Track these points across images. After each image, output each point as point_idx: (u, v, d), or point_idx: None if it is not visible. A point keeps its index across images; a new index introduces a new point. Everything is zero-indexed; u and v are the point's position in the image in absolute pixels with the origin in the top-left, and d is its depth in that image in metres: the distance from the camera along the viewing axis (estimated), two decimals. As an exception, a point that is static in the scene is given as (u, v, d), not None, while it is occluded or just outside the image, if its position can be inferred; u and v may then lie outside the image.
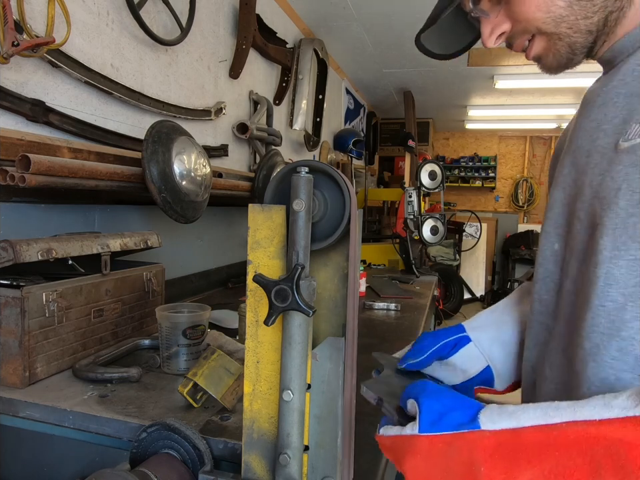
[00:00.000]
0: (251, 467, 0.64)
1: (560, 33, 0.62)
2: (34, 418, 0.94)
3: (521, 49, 0.67)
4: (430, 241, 2.81)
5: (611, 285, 0.54)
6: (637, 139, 0.54)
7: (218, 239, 2.28)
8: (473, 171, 8.29)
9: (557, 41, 0.63)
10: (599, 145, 0.60)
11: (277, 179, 0.62)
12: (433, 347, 0.75)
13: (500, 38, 0.67)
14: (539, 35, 0.64)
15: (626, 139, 0.56)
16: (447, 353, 0.76)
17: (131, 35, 1.63)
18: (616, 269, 0.54)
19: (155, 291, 1.38)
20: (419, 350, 0.75)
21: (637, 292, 0.52)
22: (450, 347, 0.77)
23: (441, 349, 0.76)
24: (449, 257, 6.18)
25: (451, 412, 0.48)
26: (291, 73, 2.97)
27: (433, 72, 4.46)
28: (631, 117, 0.57)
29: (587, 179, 0.61)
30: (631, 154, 0.55)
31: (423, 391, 0.52)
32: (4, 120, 1.20)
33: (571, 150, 0.66)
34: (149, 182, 1.37)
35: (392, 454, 0.52)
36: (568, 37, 0.62)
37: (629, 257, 0.53)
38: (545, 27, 0.62)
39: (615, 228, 0.55)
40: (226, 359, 0.93)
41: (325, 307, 0.65)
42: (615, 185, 0.55)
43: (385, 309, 1.95)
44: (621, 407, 0.41)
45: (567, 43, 0.62)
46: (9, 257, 0.98)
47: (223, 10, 2.25)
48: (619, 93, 0.60)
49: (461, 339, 0.78)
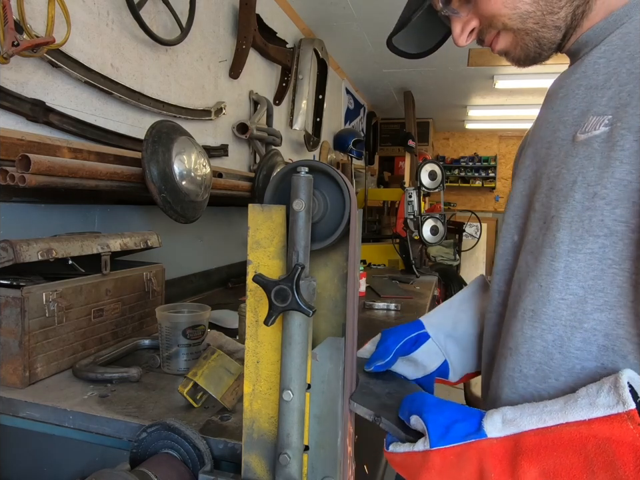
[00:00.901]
0: (251, 467, 0.64)
1: (527, 29, 0.62)
2: (34, 418, 0.94)
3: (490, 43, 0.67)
4: (430, 240, 2.81)
5: (571, 278, 0.55)
6: (593, 131, 0.54)
7: (218, 239, 2.28)
8: (473, 171, 8.29)
9: (525, 36, 0.63)
10: (558, 137, 0.61)
11: (277, 179, 0.62)
12: (396, 346, 0.77)
13: (471, 35, 0.67)
14: (505, 31, 0.64)
15: (583, 131, 0.56)
16: (408, 349, 0.78)
17: (131, 35, 1.63)
18: (574, 263, 0.54)
19: (155, 291, 1.38)
20: (384, 350, 0.76)
21: (595, 285, 0.53)
22: (411, 343, 0.79)
23: (403, 346, 0.78)
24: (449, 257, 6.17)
25: (456, 423, 0.50)
26: (291, 72, 2.97)
27: (433, 72, 4.46)
28: (589, 109, 0.57)
29: (546, 171, 0.61)
30: (586, 146, 0.55)
31: (424, 405, 0.53)
32: (4, 120, 1.20)
33: (534, 141, 0.67)
34: (148, 182, 1.37)
35: (405, 470, 0.53)
36: (535, 31, 0.62)
37: (587, 251, 0.53)
38: (511, 22, 0.62)
39: (571, 221, 0.55)
40: (226, 359, 0.93)
41: (325, 307, 0.65)
42: (571, 177, 0.55)
43: (385, 309, 1.95)
44: (605, 405, 0.44)
45: (534, 37, 0.62)
46: (9, 257, 0.98)
47: (223, 10, 2.25)
48: (580, 85, 0.60)
49: (421, 336, 0.80)
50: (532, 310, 0.59)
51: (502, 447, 0.47)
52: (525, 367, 0.59)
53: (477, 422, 0.49)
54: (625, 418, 0.42)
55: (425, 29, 0.76)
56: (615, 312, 0.52)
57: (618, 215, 0.51)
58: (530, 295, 0.59)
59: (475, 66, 4.18)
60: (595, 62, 0.59)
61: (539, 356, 0.58)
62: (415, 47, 0.80)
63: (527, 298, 0.59)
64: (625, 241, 0.50)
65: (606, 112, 0.54)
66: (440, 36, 0.78)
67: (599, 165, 0.53)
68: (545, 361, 0.57)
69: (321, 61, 3.33)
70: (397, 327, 0.81)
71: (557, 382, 0.56)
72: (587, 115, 0.56)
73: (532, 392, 0.58)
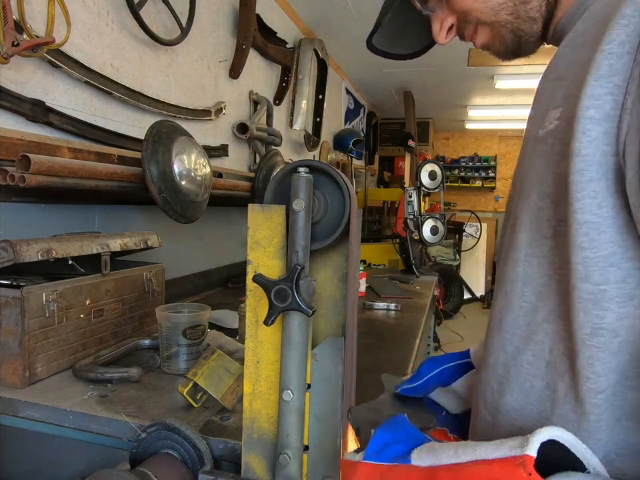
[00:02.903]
0: (251, 467, 0.64)
1: (501, 21, 0.60)
2: (34, 418, 0.94)
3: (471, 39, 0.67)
4: (430, 240, 2.81)
5: (526, 283, 0.51)
6: (549, 126, 0.50)
7: (218, 239, 2.28)
8: (473, 171, 8.29)
9: (501, 28, 0.61)
10: (529, 136, 0.58)
11: (277, 179, 0.62)
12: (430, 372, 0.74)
13: (450, 32, 0.66)
14: (481, 25, 0.63)
15: (542, 126, 0.52)
16: (447, 379, 0.74)
17: (131, 35, 1.63)
18: (529, 267, 0.51)
19: (155, 291, 1.38)
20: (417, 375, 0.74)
21: (546, 291, 0.49)
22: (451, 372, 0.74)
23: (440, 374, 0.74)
24: (448, 257, 6.18)
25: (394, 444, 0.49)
26: (291, 73, 2.97)
27: (433, 72, 4.46)
28: (550, 102, 0.53)
29: (518, 172, 0.59)
30: (543, 143, 0.51)
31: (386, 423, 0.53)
32: (4, 120, 1.20)
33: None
34: (149, 182, 1.37)
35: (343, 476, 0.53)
36: (510, 23, 0.60)
37: (539, 254, 0.50)
38: (483, 16, 0.61)
39: (530, 223, 0.51)
40: (226, 359, 0.93)
41: (325, 307, 0.65)
42: (531, 177, 0.52)
43: (385, 309, 1.95)
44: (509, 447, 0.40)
45: (510, 29, 0.61)
46: (9, 257, 0.98)
47: (223, 10, 2.25)
48: (550, 78, 0.57)
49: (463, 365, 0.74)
50: (499, 319, 0.56)
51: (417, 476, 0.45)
52: (491, 380, 0.56)
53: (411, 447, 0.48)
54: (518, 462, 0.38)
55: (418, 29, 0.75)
56: (558, 323, 0.48)
57: (560, 214, 0.47)
58: (498, 302, 0.56)
59: (475, 66, 4.18)
60: (562, 51, 0.56)
61: (501, 369, 0.55)
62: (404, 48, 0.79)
63: (496, 306, 0.57)
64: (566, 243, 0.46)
65: (560, 104, 0.50)
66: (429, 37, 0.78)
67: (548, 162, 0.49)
68: (504, 374, 0.54)
69: (321, 61, 3.33)
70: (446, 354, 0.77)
71: (510, 398, 0.53)
72: (549, 110, 0.52)
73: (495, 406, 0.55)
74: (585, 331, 0.45)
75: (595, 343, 0.44)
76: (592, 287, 0.44)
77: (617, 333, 0.44)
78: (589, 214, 0.43)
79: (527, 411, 0.51)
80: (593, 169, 0.43)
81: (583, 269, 0.44)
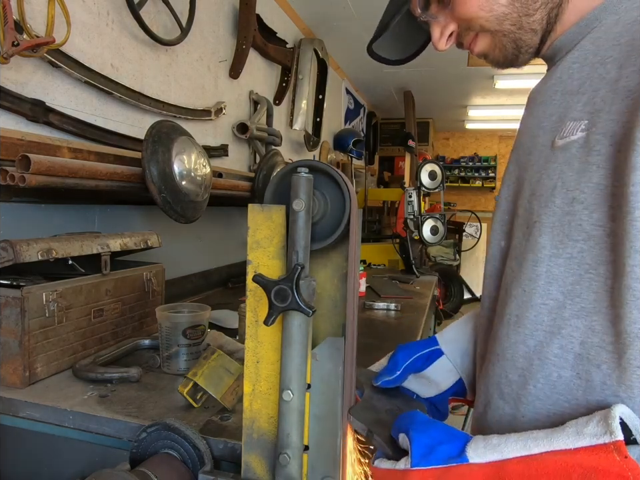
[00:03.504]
0: (251, 467, 0.64)
1: (504, 30, 0.62)
2: (34, 418, 0.94)
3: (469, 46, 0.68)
4: (430, 240, 2.81)
5: (551, 283, 0.55)
6: (571, 136, 0.54)
7: (218, 239, 2.28)
8: (473, 171, 8.29)
9: (502, 37, 0.63)
10: (538, 143, 0.61)
11: (277, 179, 0.62)
12: (405, 362, 0.75)
13: (450, 39, 0.68)
14: (483, 33, 0.64)
15: (561, 136, 0.56)
16: (420, 366, 0.77)
17: (131, 35, 1.63)
18: (555, 268, 0.54)
19: (155, 291, 1.38)
20: (392, 366, 0.75)
21: (575, 290, 0.53)
22: (423, 359, 0.77)
23: (414, 363, 0.76)
24: (448, 257, 6.17)
25: (440, 445, 0.50)
26: (291, 73, 2.97)
27: (433, 72, 4.46)
28: (566, 114, 0.57)
29: (527, 176, 0.61)
30: (565, 151, 0.55)
31: (412, 424, 0.53)
32: (4, 120, 1.20)
33: (516, 147, 0.67)
34: (149, 182, 1.37)
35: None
36: (512, 33, 0.62)
37: (566, 255, 0.53)
38: (488, 24, 0.62)
39: (552, 226, 0.55)
40: (226, 359, 0.93)
41: (325, 307, 0.65)
42: (551, 182, 0.56)
43: (385, 309, 1.95)
44: (592, 435, 0.43)
45: (511, 39, 0.63)
46: (9, 257, 0.98)
47: (223, 10, 2.25)
48: (557, 90, 0.61)
49: (434, 352, 0.78)
50: (516, 315, 0.59)
51: (483, 473, 0.46)
52: (510, 373, 0.59)
53: (460, 445, 0.49)
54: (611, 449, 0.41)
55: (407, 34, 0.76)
56: (591, 319, 0.51)
57: (595, 219, 0.51)
58: (514, 300, 0.59)
59: (475, 66, 4.18)
60: (569, 67, 0.60)
61: (522, 361, 0.57)
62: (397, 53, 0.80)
63: (512, 303, 0.59)
64: (601, 245, 0.50)
65: (582, 117, 0.54)
66: (421, 41, 0.78)
67: (577, 170, 0.53)
68: (526, 366, 0.57)
69: (321, 61, 3.33)
70: (410, 342, 0.80)
71: (534, 388, 0.56)
72: (565, 121, 0.57)
73: (514, 397, 0.58)
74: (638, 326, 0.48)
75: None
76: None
77: None
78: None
79: (553, 400, 0.54)
80: None
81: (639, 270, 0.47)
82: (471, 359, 0.78)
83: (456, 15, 0.64)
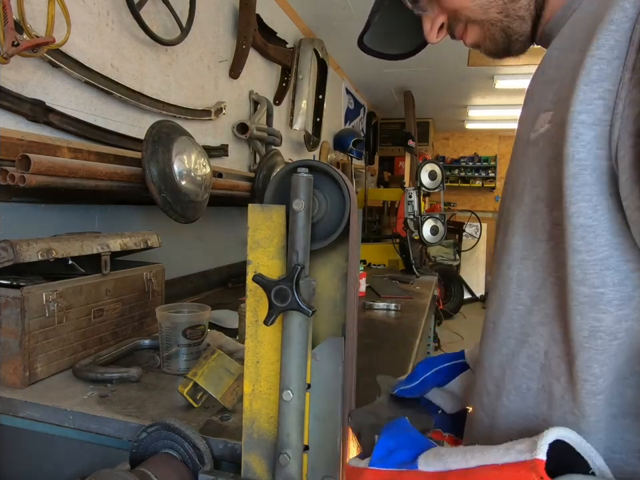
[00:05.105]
0: (251, 467, 0.64)
1: (491, 19, 0.61)
2: (34, 418, 0.94)
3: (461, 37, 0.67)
4: (430, 240, 2.81)
5: (521, 287, 0.52)
6: (540, 129, 0.51)
7: (218, 239, 2.28)
8: (473, 171, 8.29)
9: (490, 27, 0.62)
10: (520, 139, 0.59)
11: (277, 179, 0.62)
12: (426, 373, 0.74)
13: (441, 31, 0.67)
14: (471, 23, 0.63)
15: (534, 129, 0.52)
16: (443, 379, 0.75)
17: (131, 35, 1.63)
18: (524, 271, 0.51)
19: (154, 291, 1.38)
20: (412, 376, 0.74)
21: (540, 294, 0.50)
22: (446, 372, 0.75)
23: (436, 375, 0.74)
24: (448, 257, 6.18)
25: (399, 450, 0.50)
26: (291, 72, 2.97)
27: (433, 72, 4.46)
28: (540, 106, 0.53)
29: (509, 175, 0.60)
30: (534, 146, 0.51)
31: (389, 429, 0.53)
32: (4, 120, 1.20)
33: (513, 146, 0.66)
34: (149, 182, 1.37)
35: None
36: (500, 21, 0.60)
37: (534, 257, 0.50)
38: (473, 14, 0.61)
39: (523, 226, 0.52)
40: (226, 359, 0.93)
41: (325, 307, 0.65)
42: (523, 179, 0.52)
43: (385, 309, 1.95)
44: (518, 451, 0.41)
45: (500, 27, 0.61)
46: (9, 257, 0.98)
47: (223, 10, 2.25)
48: (540, 81, 0.58)
49: (459, 365, 0.76)
50: (493, 322, 0.56)
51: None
52: (488, 383, 0.57)
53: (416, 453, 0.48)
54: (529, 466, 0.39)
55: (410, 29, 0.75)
56: (552, 326, 0.48)
57: (554, 217, 0.47)
58: (492, 305, 0.57)
59: (475, 66, 4.18)
60: (550, 54, 0.57)
61: (496, 371, 0.55)
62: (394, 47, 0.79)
63: (490, 309, 0.58)
64: (561, 246, 0.46)
65: (549, 108, 0.50)
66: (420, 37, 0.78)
67: (541, 165, 0.49)
68: (500, 377, 0.54)
69: (321, 61, 3.33)
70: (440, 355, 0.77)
71: (507, 400, 0.53)
72: (539, 112, 0.53)
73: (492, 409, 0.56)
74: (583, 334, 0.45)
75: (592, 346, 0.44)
76: (589, 290, 0.44)
77: (615, 335, 0.44)
78: (585, 217, 0.43)
79: (523, 413, 0.51)
80: (587, 173, 0.43)
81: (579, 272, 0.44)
82: None
83: (443, 6, 0.63)
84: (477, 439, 0.58)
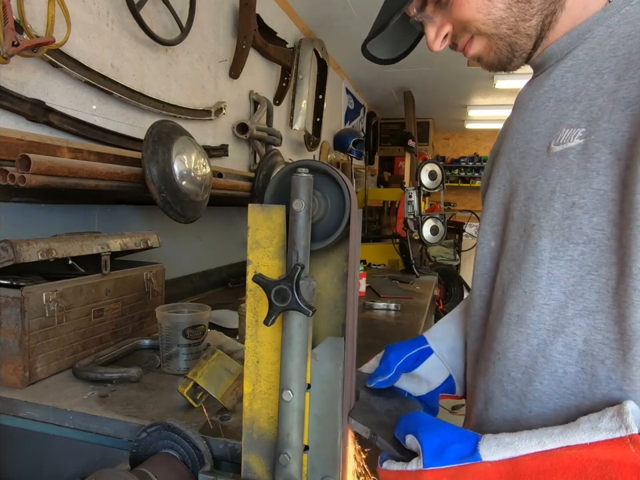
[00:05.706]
0: (251, 467, 0.64)
1: (500, 34, 0.63)
2: (34, 418, 0.94)
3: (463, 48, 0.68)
4: (430, 241, 2.81)
5: (553, 284, 0.57)
6: (568, 143, 0.56)
7: (218, 239, 2.28)
8: (473, 171, 8.29)
9: (498, 41, 0.64)
10: (532, 148, 0.62)
11: (277, 179, 0.62)
12: (398, 362, 0.77)
13: (445, 40, 0.68)
14: (479, 35, 0.65)
15: (557, 142, 0.58)
16: (411, 365, 0.78)
17: (131, 35, 1.63)
18: (556, 269, 0.56)
19: (154, 291, 1.38)
20: (385, 367, 0.76)
21: (576, 290, 0.55)
22: (414, 359, 0.79)
23: (405, 362, 0.77)
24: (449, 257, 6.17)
25: (451, 445, 0.50)
26: (291, 72, 2.97)
27: (433, 72, 4.46)
28: (561, 121, 0.59)
29: (522, 180, 0.62)
30: (562, 157, 0.57)
31: (419, 425, 0.54)
32: (4, 120, 1.20)
33: (506, 151, 0.68)
34: (149, 182, 1.37)
35: None
36: (508, 37, 0.63)
37: (567, 258, 0.55)
38: (484, 28, 0.63)
39: (552, 229, 0.57)
40: (226, 359, 0.93)
41: (325, 307, 0.65)
42: (549, 187, 0.57)
43: (385, 309, 1.95)
44: (607, 429, 0.45)
45: (507, 42, 0.64)
46: (9, 257, 0.98)
47: (223, 10, 2.25)
48: (550, 97, 0.62)
49: (424, 351, 0.80)
50: (517, 315, 0.60)
51: (497, 471, 0.47)
52: (512, 371, 0.61)
53: (472, 444, 0.49)
54: (627, 442, 0.43)
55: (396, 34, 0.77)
56: (593, 317, 0.53)
57: (595, 224, 0.53)
58: (514, 300, 0.61)
59: (475, 66, 4.16)
60: (563, 76, 0.61)
61: (525, 359, 0.59)
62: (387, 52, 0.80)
63: (512, 304, 0.61)
64: (602, 248, 0.53)
65: (579, 124, 0.56)
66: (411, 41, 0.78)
67: (576, 176, 0.54)
68: (530, 364, 0.59)
69: (321, 61, 3.33)
70: (400, 342, 0.81)
71: (540, 385, 0.58)
72: (560, 127, 0.58)
73: (519, 394, 0.60)
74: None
75: None
76: None
77: None
78: None
79: (560, 394, 0.56)
80: None
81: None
82: (457, 356, 0.80)
83: (453, 16, 0.64)
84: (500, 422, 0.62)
